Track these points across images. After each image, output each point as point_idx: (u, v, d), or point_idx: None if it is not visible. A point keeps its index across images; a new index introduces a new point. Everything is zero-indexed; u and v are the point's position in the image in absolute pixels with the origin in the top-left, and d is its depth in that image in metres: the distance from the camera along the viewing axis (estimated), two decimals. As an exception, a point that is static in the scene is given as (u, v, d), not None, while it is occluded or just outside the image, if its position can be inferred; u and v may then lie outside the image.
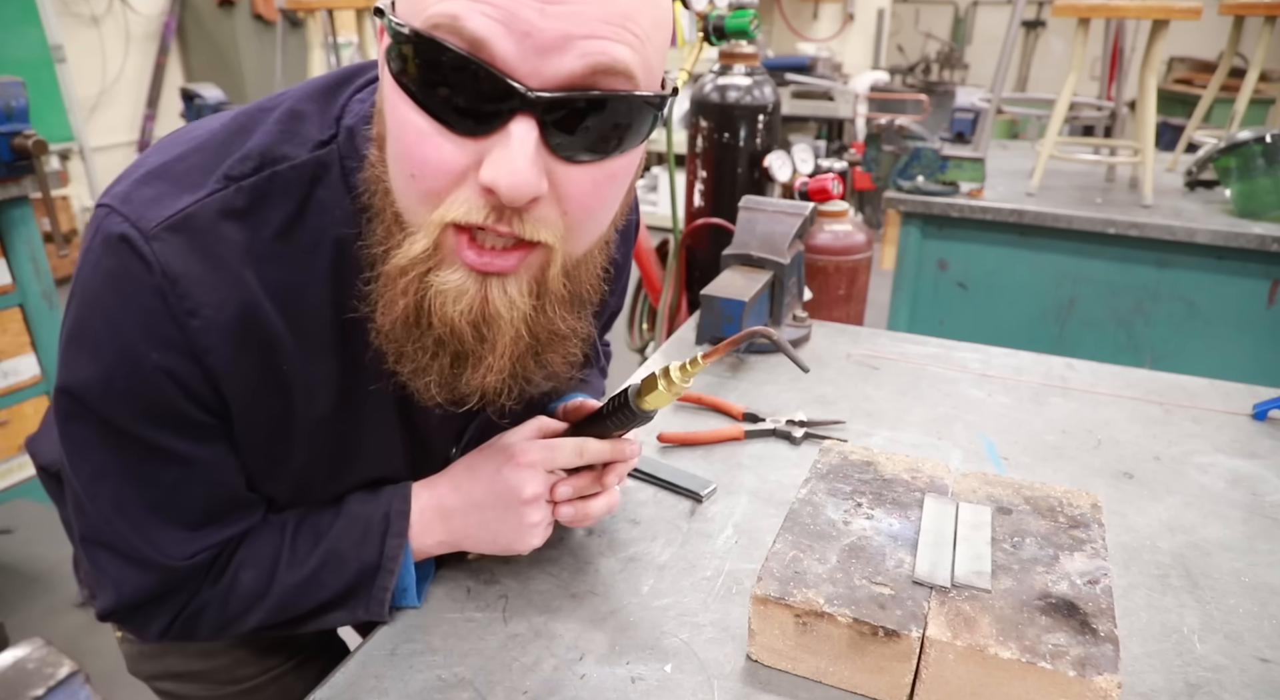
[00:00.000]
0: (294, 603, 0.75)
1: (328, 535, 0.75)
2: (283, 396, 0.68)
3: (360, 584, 0.75)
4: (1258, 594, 0.84)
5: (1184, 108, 4.78)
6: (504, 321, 0.60)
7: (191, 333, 0.61)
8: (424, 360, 0.62)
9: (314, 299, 0.66)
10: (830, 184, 1.52)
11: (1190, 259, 2.25)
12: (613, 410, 0.76)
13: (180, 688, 0.96)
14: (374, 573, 0.75)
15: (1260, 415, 1.19)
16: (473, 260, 0.58)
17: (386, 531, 0.75)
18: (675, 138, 4.41)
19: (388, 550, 0.75)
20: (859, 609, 0.69)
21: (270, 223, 0.63)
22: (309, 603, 0.75)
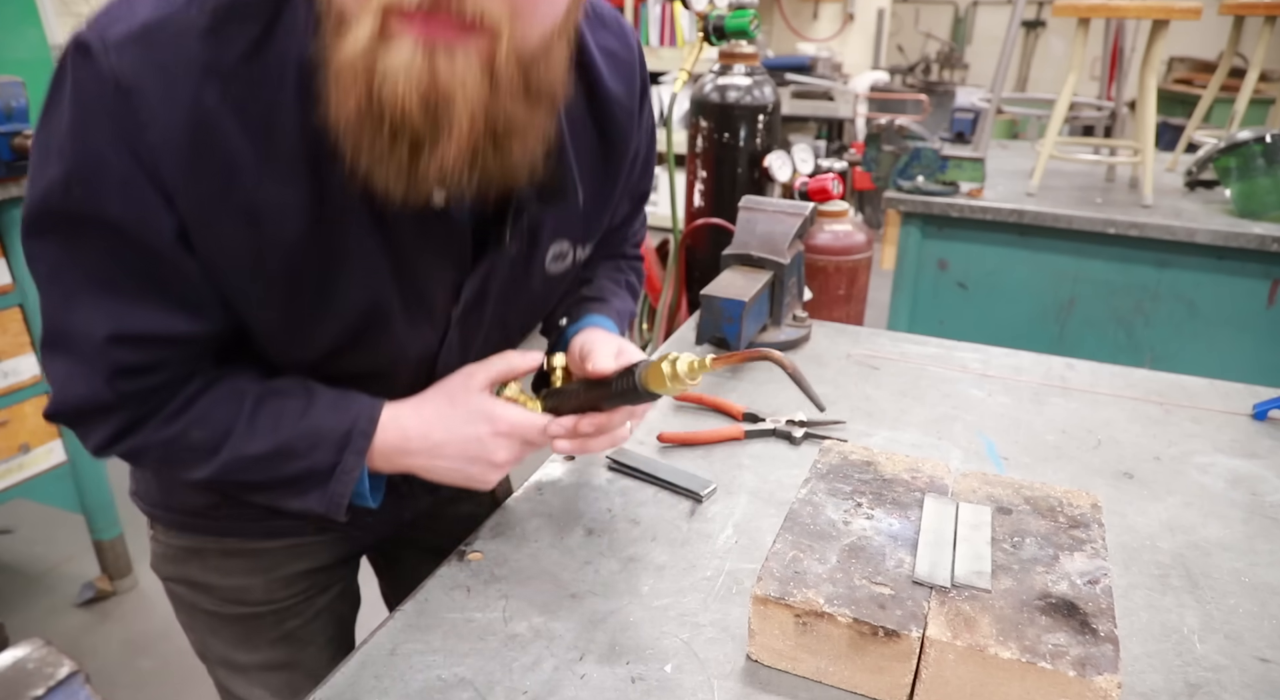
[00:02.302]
0: (243, 472, 0.77)
1: (287, 427, 0.76)
2: (251, 224, 0.67)
3: (311, 481, 0.77)
4: (1258, 594, 0.84)
5: (1184, 108, 4.78)
6: (458, 103, 0.60)
7: (144, 146, 0.62)
8: (381, 149, 0.61)
9: (283, 121, 0.65)
10: (830, 184, 1.52)
11: (1190, 259, 2.25)
12: (620, 386, 0.77)
13: (192, 595, 0.99)
14: (327, 477, 0.77)
15: (1260, 415, 1.19)
16: (417, 32, 0.58)
17: (346, 447, 0.77)
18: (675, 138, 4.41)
19: (344, 463, 0.77)
20: (859, 609, 0.69)
21: (236, 43, 0.63)
22: (257, 476, 0.77)
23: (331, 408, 0.78)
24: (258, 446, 0.76)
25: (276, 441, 0.76)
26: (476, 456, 0.79)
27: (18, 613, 2.24)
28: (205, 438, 0.76)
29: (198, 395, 0.77)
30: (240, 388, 0.78)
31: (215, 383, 0.78)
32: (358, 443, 0.77)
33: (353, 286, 0.74)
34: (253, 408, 0.77)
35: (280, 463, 0.77)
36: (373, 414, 0.78)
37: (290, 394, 0.78)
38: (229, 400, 0.77)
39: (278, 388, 0.79)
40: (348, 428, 0.77)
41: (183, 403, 0.76)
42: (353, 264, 0.72)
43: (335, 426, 0.77)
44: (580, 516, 0.95)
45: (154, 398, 0.75)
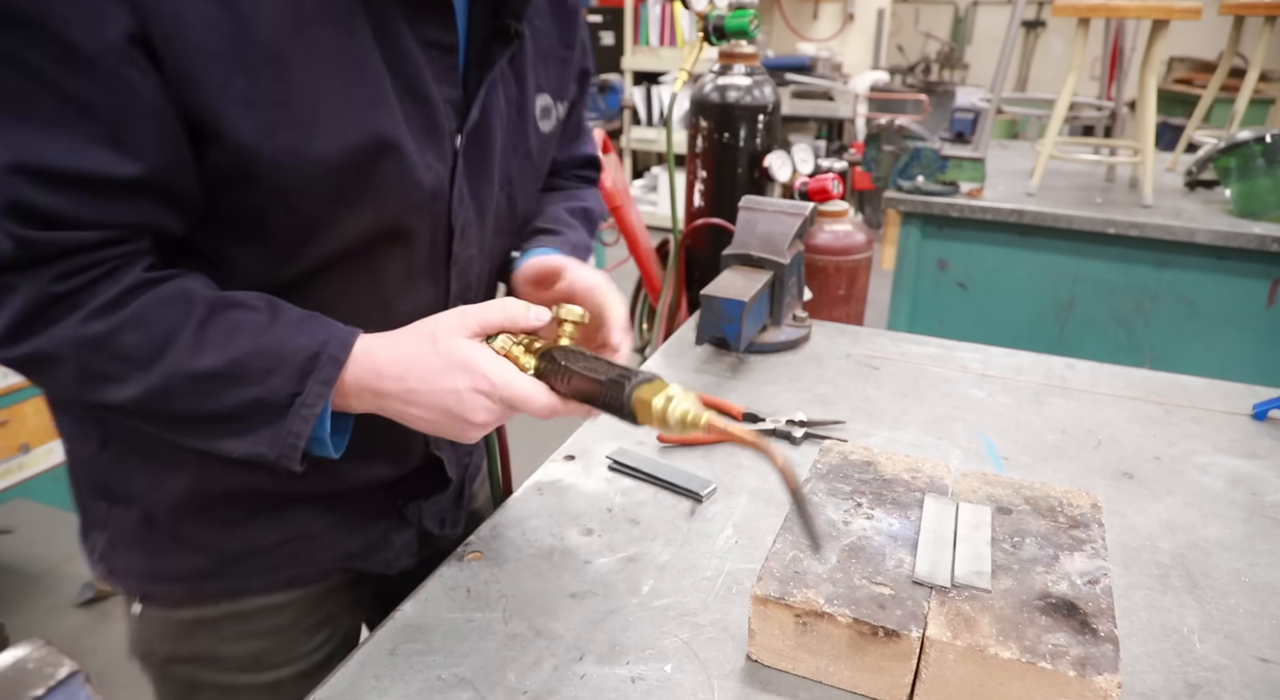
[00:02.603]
0: (179, 396, 0.65)
1: (242, 342, 0.65)
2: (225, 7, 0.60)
3: (262, 414, 0.66)
4: (1258, 594, 0.84)
5: (1184, 108, 4.78)
6: None
7: None
8: None
9: None
10: (830, 184, 1.52)
11: (1190, 259, 2.25)
12: (607, 390, 0.67)
13: (199, 673, 0.89)
14: (283, 409, 0.65)
15: (1260, 415, 1.19)
16: None
17: (311, 373, 0.66)
18: (675, 138, 4.42)
19: (306, 394, 0.65)
20: (859, 609, 0.69)
21: None
22: (196, 404, 0.66)
23: (297, 326, 0.67)
24: (204, 362, 0.64)
25: (227, 358, 0.64)
26: (451, 410, 0.67)
27: (18, 613, 2.24)
28: (139, 344, 0.63)
29: (136, 290, 0.64)
30: (190, 290, 0.66)
31: (159, 282, 0.66)
32: (325, 370, 0.66)
33: (351, 103, 0.66)
34: (204, 315, 0.65)
35: (227, 386, 0.65)
36: (346, 339, 0.68)
37: (250, 306, 0.67)
38: (175, 303, 0.65)
39: (236, 297, 0.68)
40: (314, 351, 0.66)
41: (115, 295, 0.64)
42: (348, 71, 0.66)
43: (301, 347, 0.66)
44: (580, 516, 0.95)
45: (71, 271, 0.62)
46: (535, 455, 1.11)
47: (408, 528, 0.95)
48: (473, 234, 0.82)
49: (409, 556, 0.96)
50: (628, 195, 1.71)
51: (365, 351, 0.68)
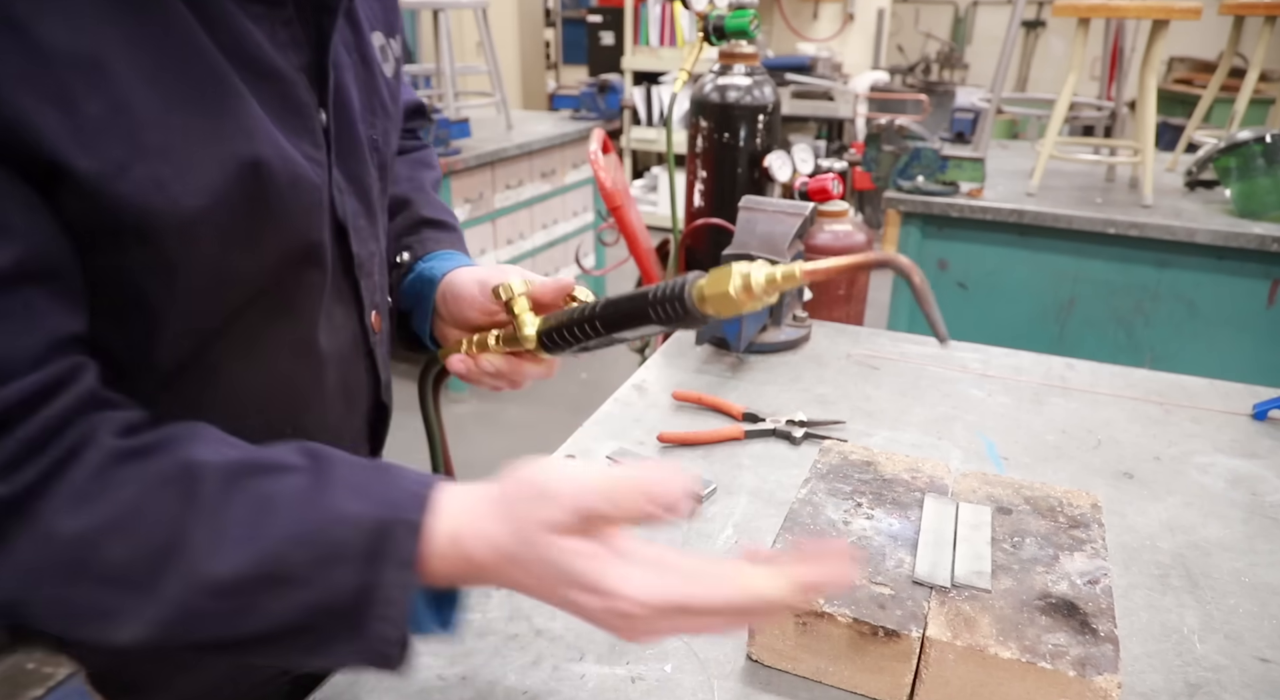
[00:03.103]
0: (202, 620, 0.48)
1: (277, 527, 0.47)
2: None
3: (327, 624, 0.48)
4: (1258, 594, 0.84)
5: (1184, 108, 4.78)
6: None
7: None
8: None
9: None
10: (830, 184, 1.52)
11: (1190, 259, 2.25)
12: (660, 299, 0.59)
13: None
14: (356, 612, 0.48)
15: (1260, 415, 1.19)
16: None
17: (383, 553, 0.48)
18: (675, 138, 4.42)
19: (383, 587, 0.48)
20: (859, 609, 0.69)
21: None
22: (231, 629, 0.48)
23: (353, 489, 0.49)
24: (225, 565, 0.46)
25: (258, 554, 0.46)
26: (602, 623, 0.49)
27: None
28: (130, 560, 0.46)
29: (110, 470, 0.47)
30: (191, 461, 0.48)
31: (145, 452, 0.49)
32: (402, 546, 0.48)
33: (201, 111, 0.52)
34: (217, 495, 0.48)
35: (268, 594, 0.47)
36: (422, 492, 0.50)
37: (284, 466, 0.50)
38: (172, 484, 0.48)
39: (264, 457, 0.50)
40: (382, 517, 0.48)
41: (82, 486, 0.46)
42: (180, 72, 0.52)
43: (359, 518, 0.48)
44: (580, 516, 0.94)
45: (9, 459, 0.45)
46: (535, 455, 1.11)
47: None
48: (364, 226, 0.70)
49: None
50: (628, 195, 1.71)
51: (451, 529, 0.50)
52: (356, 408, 0.77)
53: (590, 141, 1.61)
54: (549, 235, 3.92)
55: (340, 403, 0.73)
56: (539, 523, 0.48)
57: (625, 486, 0.47)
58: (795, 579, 0.47)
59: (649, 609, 0.46)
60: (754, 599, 0.47)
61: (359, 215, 0.69)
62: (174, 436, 0.51)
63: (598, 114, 4.14)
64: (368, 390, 0.78)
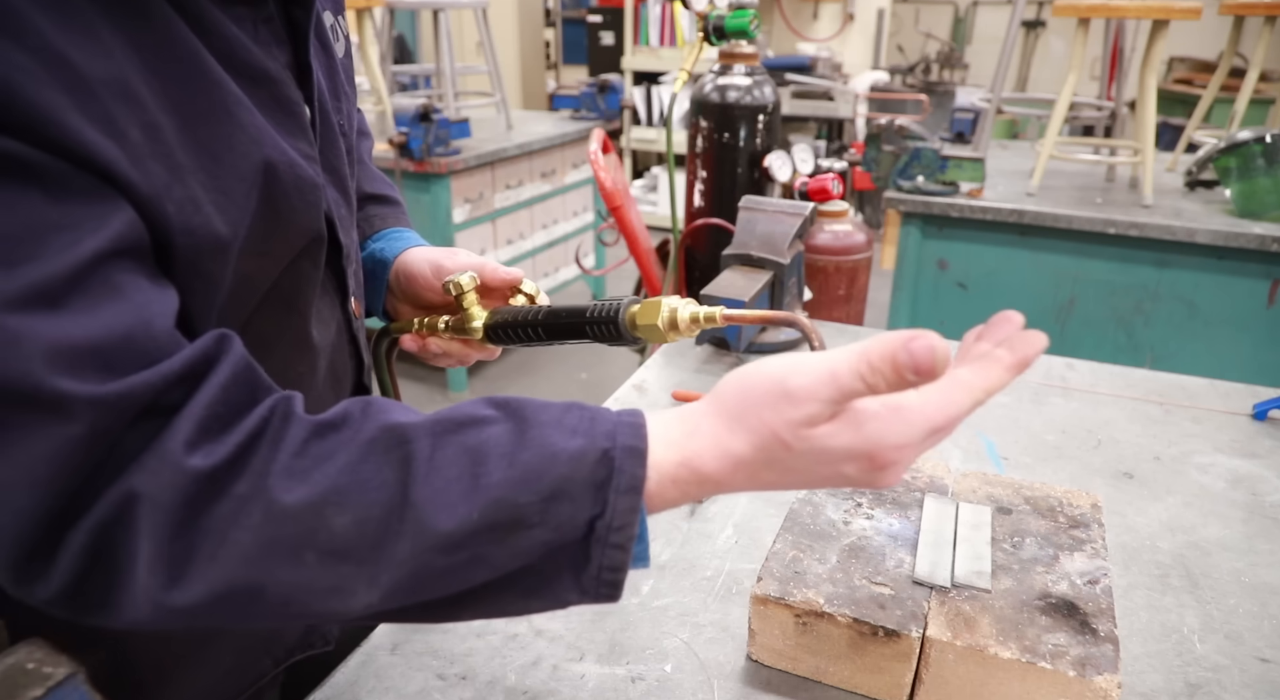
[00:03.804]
0: (431, 578, 0.48)
1: (495, 474, 0.47)
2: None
3: (555, 560, 0.49)
4: (1258, 594, 0.84)
5: (1184, 108, 4.78)
6: None
7: None
8: None
9: None
10: (830, 184, 1.52)
11: (1190, 259, 2.25)
12: (597, 318, 0.65)
13: None
14: (584, 545, 0.48)
15: (1260, 415, 1.19)
16: None
17: (609, 480, 0.48)
18: (675, 138, 4.42)
19: (611, 514, 0.47)
20: (859, 609, 0.69)
21: None
22: (461, 583, 0.49)
23: (560, 425, 0.49)
24: (450, 520, 0.46)
25: (483, 501, 0.46)
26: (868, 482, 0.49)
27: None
28: (352, 529, 0.45)
29: (312, 444, 0.47)
30: (394, 424, 0.48)
31: (339, 425, 0.49)
32: (627, 470, 0.48)
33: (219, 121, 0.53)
34: (428, 454, 0.47)
35: (496, 541, 0.47)
36: (634, 420, 0.50)
37: (481, 419, 0.50)
38: (379, 450, 0.47)
39: (460, 413, 0.50)
40: (602, 448, 0.48)
41: (286, 462, 0.46)
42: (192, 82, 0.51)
43: (579, 452, 0.48)
44: (580, 516, 0.94)
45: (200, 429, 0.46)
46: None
47: None
48: (345, 215, 0.70)
49: (338, 626, 0.84)
50: (628, 195, 1.71)
51: (680, 445, 0.50)
52: (341, 392, 0.78)
53: (590, 141, 1.61)
54: (549, 235, 3.92)
55: (329, 389, 0.74)
56: (792, 422, 0.47)
57: (873, 358, 0.45)
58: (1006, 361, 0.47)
59: (913, 450, 0.47)
60: (986, 396, 0.47)
61: (340, 205, 0.70)
62: (358, 408, 0.50)
63: (598, 114, 4.14)
64: (351, 374, 0.80)
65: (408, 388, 3.43)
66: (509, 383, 3.59)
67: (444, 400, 3.36)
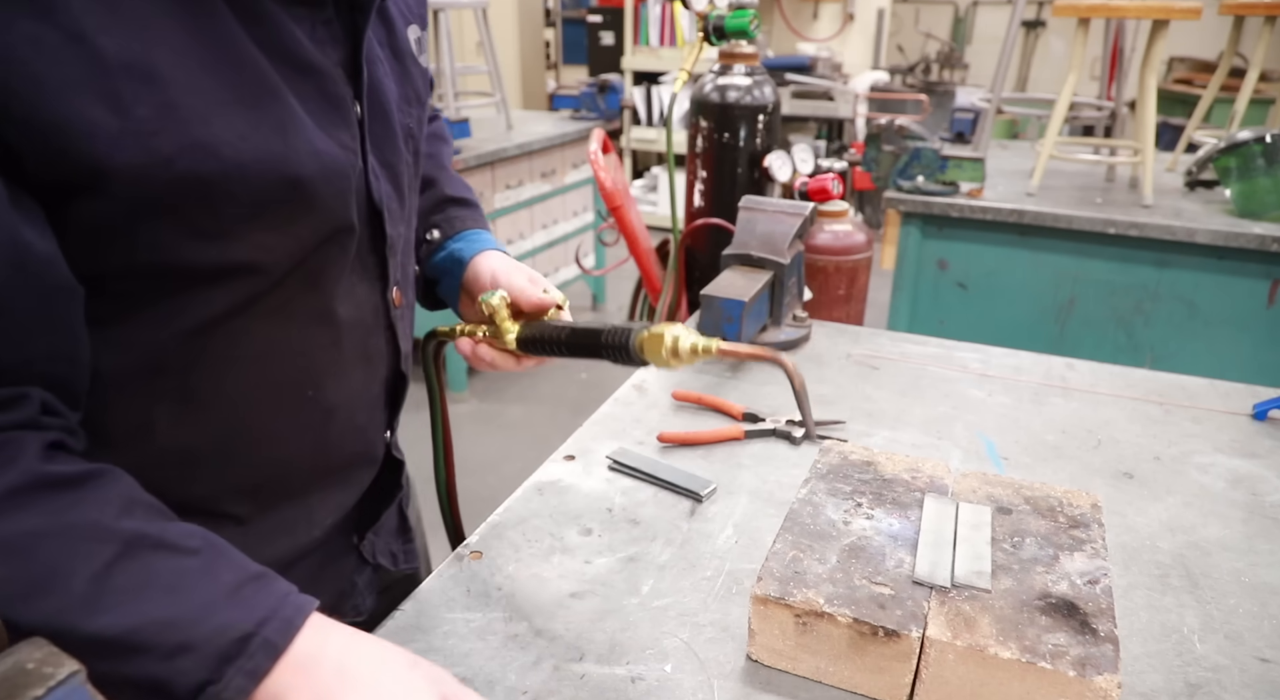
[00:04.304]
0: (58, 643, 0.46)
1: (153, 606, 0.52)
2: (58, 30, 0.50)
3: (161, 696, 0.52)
4: (1258, 594, 0.84)
5: (1184, 108, 4.78)
6: None
7: None
8: None
9: None
10: (830, 184, 1.52)
11: (1190, 259, 2.25)
12: (610, 344, 0.74)
13: None
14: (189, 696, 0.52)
15: (1260, 415, 1.19)
16: None
17: (235, 658, 0.52)
18: (675, 138, 4.42)
19: (223, 686, 0.51)
20: (859, 609, 0.69)
21: None
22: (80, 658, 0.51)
23: (234, 593, 0.54)
24: (97, 624, 0.50)
25: (129, 624, 0.50)
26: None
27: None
28: (10, 579, 0.50)
29: (23, 494, 0.51)
30: (100, 524, 0.52)
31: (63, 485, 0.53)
32: (255, 659, 0.52)
33: (242, 106, 0.58)
34: (111, 558, 0.52)
35: (124, 656, 0.51)
36: (293, 618, 0.55)
37: (181, 548, 0.54)
38: (76, 538, 0.51)
39: (166, 534, 0.54)
40: (246, 632, 0.53)
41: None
42: (223, 68, 0.57)
43: (227, 626, 0.52)
44: (580, 516, 0.95)
45: None
46: (535, 455, 1.11)
47: (366, 566, 0.90)
48: (395, 208, 0.76)
49: (372, 596, 0.91)
50: (628, 195, 1.71)
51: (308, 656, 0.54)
52: (376, 375, 0.80)
53: (590, 141, 1.61)
54: (549, 235, 3.92)
55: (360, 370, 0.77)
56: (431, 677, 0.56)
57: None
58: None
59: None
60: None
61: (391, 199, 0.75)
62: (95, 476, 0.55)
63: (598, 114, 4.14)
64: (388, 360, 0.82)
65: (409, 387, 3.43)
66: (509, 383, 3.60)
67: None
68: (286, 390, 0.70)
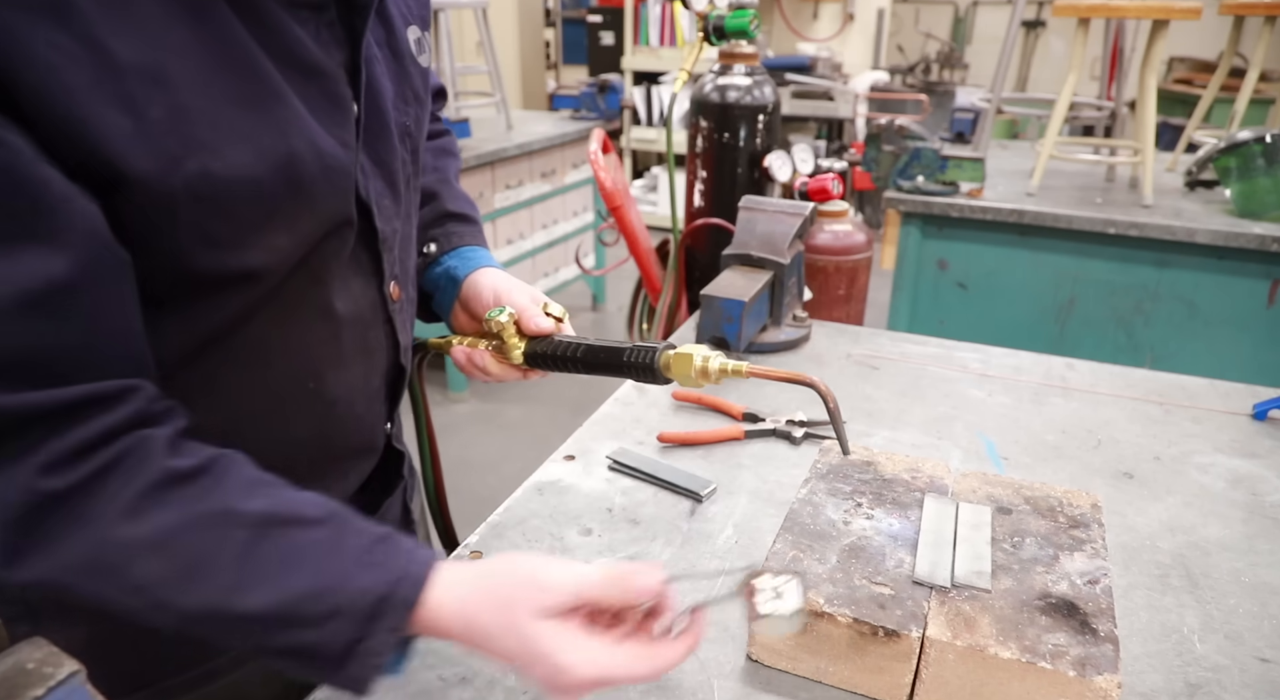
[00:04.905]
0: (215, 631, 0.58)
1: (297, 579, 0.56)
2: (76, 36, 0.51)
3: (318, 658, 0.58)
4: (1258, 594, 0.84)
5: (1184, 108, 4.78)
6: None
7: None
8: None
9: None
10: (830, 184, 1.52)
11: (1190, 259, 2.25)
12: (634, 363, 0.76)
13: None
14: (343, 654, 0.57)
15: (1260, 415, 1.19)
16: None
17: (378, 617, 0.57)
18: (675, 138, 4.42)
19: (371, 641, 0.57)
20: (859, 609, 0.69)
21: None
22: (237, 642, 0.59)
23: (364, 559, 0.58)
24: (251, 602, 0.55)
25: (280, 598, 0.55)
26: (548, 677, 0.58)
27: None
28: (162, 576, 0.54)
29: (157, 492, 0.55)
30: (231, 509, 0.56)
31: (188, 478, 0.56)
32: (394, 616, 0.57)
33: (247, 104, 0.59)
34: (249, 540, 0.56)
35: (279, 629, 0.56)
36: (419, 576, 0.59)
37: (307, 520, 0.58)
38: (210, 526, 0.55)
39: (291, 510, 0.58)
40: (383, 593, 0.57)
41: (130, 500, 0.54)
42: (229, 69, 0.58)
43: (366, 589, 0.57)
44: (580, 516, 0.95)
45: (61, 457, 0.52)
46: (535, 455, 1.11)
47: None
48: (389, 205, 0.76)
49: None
50: (628, 195, 1.71)
51: (436, 605, 0.59)
52: (375, 367, 0.81)
53: (590, 141, 1.61)
54: (549, 235, 3.92)
55: (359, 362, 0.78)
56: (534, 607, 0.57)
57: (615, 581, 0.59)
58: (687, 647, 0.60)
59: (585, 685, 0.57)
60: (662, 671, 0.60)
61: (383, 195, 0.76)
62: (217, 464, 0.58)
63: (598, 114, 4.14)
64: (387, 352, 0.82)
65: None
66: (510, 383, 3.59)
67: (445, 401, 3.37)
68: (287, 384, 0.71)
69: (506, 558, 0.62)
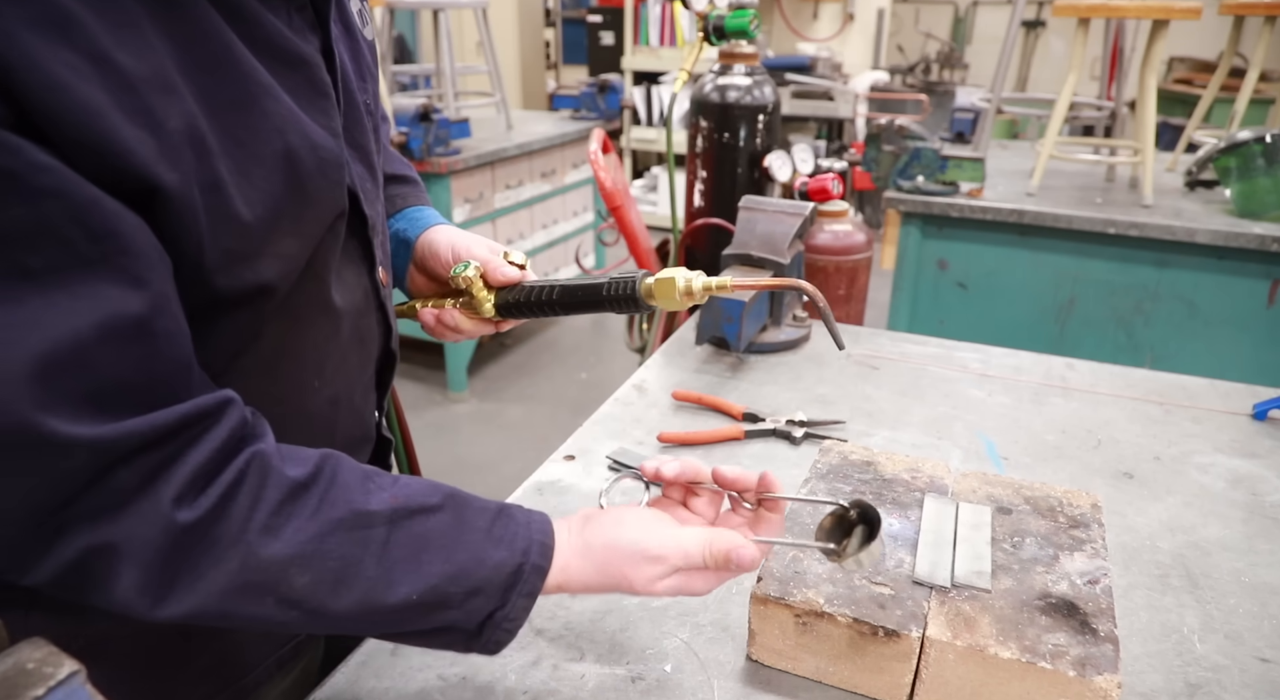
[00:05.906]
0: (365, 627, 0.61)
1: (435, 565, 0.59)
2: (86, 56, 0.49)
3: (459, 631, 0.62)
4: (1258, 594, 0.84)
5: (1184, 108, 4.78)
6: None
7: None
8: None
9: None
10: (830, 184, 1.52)
11: (1190, 259, 2.25)
12: (615, 295, 0.75)
13: None
14: (483, 624, 0.61)
15: (1260, 415, 1.19)
16: None
17: (514, 586, 0.61)
18: (675, 138, 4.41)
19: (510, 608, 0.61)
20: (859, 609, 0.69)
21: None
22: (383, 630, 0.62)
23: (490, 533, 0.62)
24: (396, 595, 0.58)
25: (423, 586, 0.58)
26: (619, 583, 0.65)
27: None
28: (311, 588, 0.56)
29: (287, 506, 0.56)
30: (358, 509, 0.58)
31: (309, 485, 0.57)
32: (529, 583, 0.62)
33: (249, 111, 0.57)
34: (385, 538, 0.58)
35: (425, 614, 0.59)
36: (545, 542, 0.63)
37: (429, 508, 0.61)
38: (346, 529, 0.57)
39: (413, 500, 0.61)
40: (517, 563, 0.61)
41: (264, 520, 0.55)
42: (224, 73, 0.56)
43: (501, 563, 0.61)
44: (580, 516, 0.94)
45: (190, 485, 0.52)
46: (535, 455, 1.11)
47: None
48: (371, 189, 0.75)
49: None
50: (628, 195, 1.71)
51: (562, 569, 0.64)
52: (369, 356, 0.81)
53: (590, 141, 1.61)
54: (549, 235, 3.92)
55: (355, 352, 0.78)
56: (646, 577, 0.63)
57: (715, 548, 0.63)
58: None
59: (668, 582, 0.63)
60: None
61: (365, 179, 0.74)
62: (327, 466, 0.59)
63: (598, 114, 4.14)
64: (379, 339, 0.82)
65: (409, 388, 3.43)
66: (509, 383, 3.59)
67: (444, 400, 3.36)
68: (293, 387, 0.71)
69: (609, 521, 0.66)
